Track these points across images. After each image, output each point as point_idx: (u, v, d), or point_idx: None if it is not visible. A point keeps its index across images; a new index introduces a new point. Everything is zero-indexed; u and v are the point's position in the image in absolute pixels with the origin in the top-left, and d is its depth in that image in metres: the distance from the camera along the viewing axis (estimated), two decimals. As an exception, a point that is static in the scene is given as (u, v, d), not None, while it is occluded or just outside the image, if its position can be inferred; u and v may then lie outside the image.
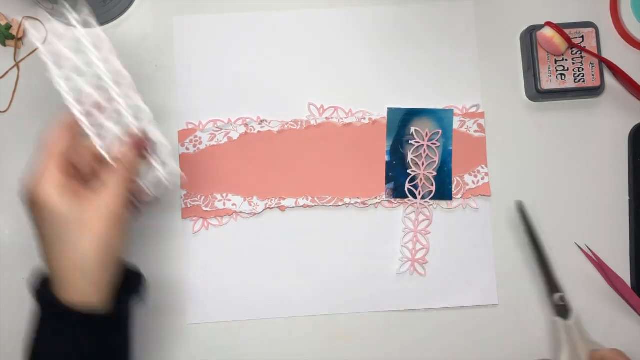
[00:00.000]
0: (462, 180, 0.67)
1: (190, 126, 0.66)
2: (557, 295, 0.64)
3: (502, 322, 0.66)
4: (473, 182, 0.67)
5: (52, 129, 0.51)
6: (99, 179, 0.50)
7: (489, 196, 0.67)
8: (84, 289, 0.47)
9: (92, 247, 0.47)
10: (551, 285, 0.65)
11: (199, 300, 0.65)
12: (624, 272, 0.66)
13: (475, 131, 0.67)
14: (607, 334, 0.66)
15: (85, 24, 0.53)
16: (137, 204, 0.54)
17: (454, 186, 0.67)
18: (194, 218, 0.66)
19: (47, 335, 0.48)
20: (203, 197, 0.65)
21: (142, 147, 0.52)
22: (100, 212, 0.47)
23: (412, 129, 0.67)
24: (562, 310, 0.64)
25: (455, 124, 0.67)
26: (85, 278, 0.47)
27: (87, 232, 0.47)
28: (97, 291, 0.47)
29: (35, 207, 0.48)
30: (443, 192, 0.67)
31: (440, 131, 0.67)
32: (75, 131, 0.51)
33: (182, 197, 0.66)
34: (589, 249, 0.66)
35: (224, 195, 0.65)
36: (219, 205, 0.65)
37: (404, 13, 0.69)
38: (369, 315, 0.66)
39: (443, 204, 0.67)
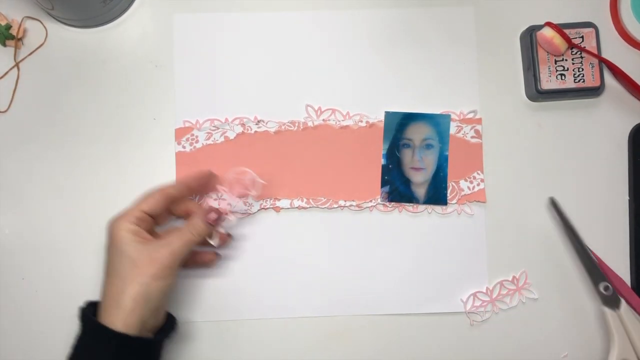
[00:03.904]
0: (458, 185, 0.67)
1: (187, 124, 0.67)
2: (602, 285, 0.63)
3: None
4: (468, 187, 0.66)
5: (152, 192, 0.59)
6: (168, 236, 0.57)
7: (484, 202, 0.67)
8: (116, 316, 0.54)
9: (134, 287, 0.54)
10: (595, 274, 0.64)
11: (192, 299, 0.65)
12: (624, 272, 0.66)
13: (472, 137, 0.67)
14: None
15: None
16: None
17: (449, 191, 0.66)
18: (188, 216, 0.66)
19: (81, 348, 0.55)
20: (197, 196, 0.65)
21: (213, 220, 0.60)
22: (153, 261, 0.55)
23: (409, 134, 0.67)
24: (609, 299, 0.63)
25: (452, 130, 0.67)
26: (118, 308, 0.54)
27: (137, 272, 0.54)
28: (124, 322, 0.54)
29: (109, 238, 0.57)
30: (438, 197, 0.66)
31: (437, 136, 0.67)
32: (169, 200, 0.59)
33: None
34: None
35: (219, 194, 0.65)
36: (214, 204, 0.65)
37: (403, 16, 0.69)
38: (362, 318, 0.66)
39: (438, 209, 0.66)
